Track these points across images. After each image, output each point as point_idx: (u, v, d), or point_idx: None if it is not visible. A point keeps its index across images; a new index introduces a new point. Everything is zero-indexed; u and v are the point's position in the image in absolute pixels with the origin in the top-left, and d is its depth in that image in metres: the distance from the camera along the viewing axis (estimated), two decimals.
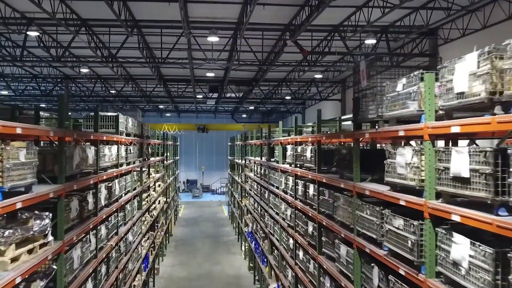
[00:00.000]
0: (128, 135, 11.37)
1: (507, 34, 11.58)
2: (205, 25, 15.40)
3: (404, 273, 4.77)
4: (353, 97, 6.49)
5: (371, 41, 16.40)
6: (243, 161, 23.81)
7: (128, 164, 11.28)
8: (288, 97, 32.18)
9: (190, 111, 43.97)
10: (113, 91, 30.17)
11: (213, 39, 15.64)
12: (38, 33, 16.09)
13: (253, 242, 18.28)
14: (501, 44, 3.64)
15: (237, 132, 35.67)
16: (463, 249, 3.76)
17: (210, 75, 23.53)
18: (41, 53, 19.42)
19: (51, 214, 5.60)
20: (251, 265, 19.09)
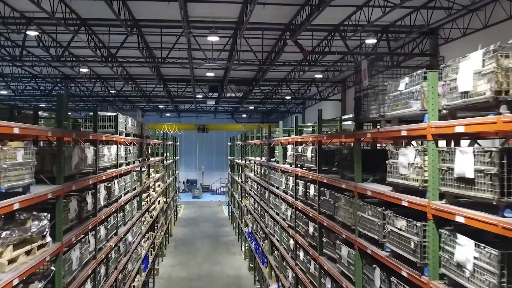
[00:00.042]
0: (127, 135, 11.31)
1: (508, 33, 11.56)
2: (205, 24, 15.34)
3: (406, 274, 4.71)
4: (355, 97, 6.43)
5: (372, 41, 16.34)
6: (243, 161, 23.76)
7: (127, 164, 11.22)
8: (288, 97, 32.13)
9: (190, 111, 43.91)
10: (113, 91, 30.11)
11: (213, 38, 15.58)
12: (37, 33, 16.04)
13: (253, 242, 18.22)
14: (505, 43, 3.58)
15: (237, 132, 35.61)
16: (467, 251, 3.70)
17: (210, 75, 23.47)
18: (41, 53, 19.36)
19: (49, 215, 5.53)
20: (251, 265, 19.04)
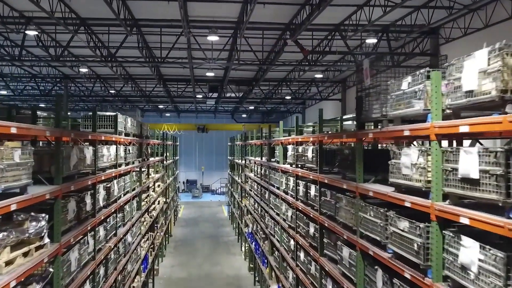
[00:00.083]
0: (127, 135, 11.25)
1: (509, 33, 11.51)
2: (205, 24, 15.27)
3: (409, 276, 4.64)
4: (356, 96, 6.36)
5: (372, 41, 16.29)
6: (243, 161, 23.70)
7: (127, 164, 11.16)
8: (288, 97, 32.07)
9: (189, 111, 43.86)
10: (113, 91, 30.05)
11: (213, 38, 15.53)
12: (36, 32, 15.99)
13: (253, 242, 18.16)
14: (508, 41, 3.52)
15: (237, 132, 35.55)
16: (472, 252, 3.63)
17: (210, 74, 23.40)
18: (40, 53, 19.29)
19: (47, 215, 5.47)
20: (251, 266, 18.98)
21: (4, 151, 4.44)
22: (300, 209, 9.80)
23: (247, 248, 21.03)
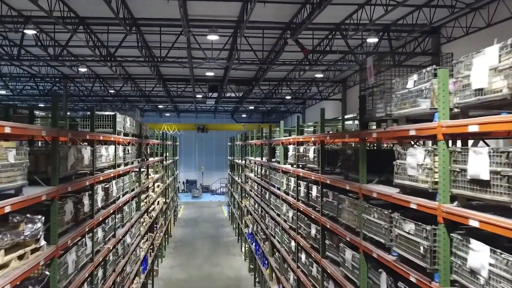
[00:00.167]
0: (126, 135, 11.13)
1: (511, 32, 11.39)
2: (204, 23, 15.16)
3: (415, 280, 4.51)
4: (360, 95, 6.24)
5: (373, 40, 16.18)
6: (243, 162, 23.58)
7: (126, 164, 11.04)
8: (288, 97, 31.95)
9: (189, 111, 43.74)
10: (112, 91, 29.93)
11: (213, 37, 15.42)
12: (35, 32, 15.88)
13: (254, 243, 18.03)
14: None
15: (237, 132, 35.44)
16: (482, 256, 3.50)
17: (209, 74, 23.30)
18: (39, 52, 19.17)
19: (44, 217, 5.34)
20: (252, 266, 18.86)
21: None
22: (301, 210, 9.68)
23: (247, 248, 20.91)
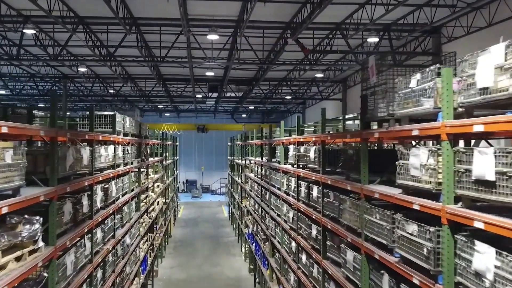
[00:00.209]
0: (125, 134, 11.07)
1: None
2: (204, 23, 15.09)
3: (418, 282, 4.45)
4: (361, 95, 6.18)
5: (374, 39, 16.11)
6: (243, 162, 23.52)
7: (125, 164, 10.98)
8: (288, 97, 31.88)
9: (189, 111, 43.67)
10: (112, 91, 29.86)
11: (213, 37, 15.35)
12: (34, 31, 15.81)
13: (254, 244, 17.97)
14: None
15: (237, 132, 35.39)
16: (487, 259, 3.44)
17: (209, 74, 23.23)
18: (38, 52, 19.10)
19: (42, 218, 5.27)
20: (252, 267, 18.80)
21: None
22: (302, 210, 9.62)
23: (247, 249, 20.85)
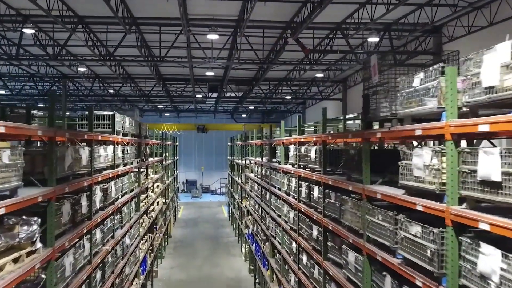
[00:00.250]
0: (125, 134, 11.00)
1: None
2: (204, 22, 15.04)
3: (421, 284, 4.38)
4: (363, 94, 6.11)
5: (374, 39, 16.06)
6: (243, 162, 23.46)
7: (125, 165, 10.92)
8: (288, 97, 31.82)
9: (189, 111, 43.60)
10: (112, 91, 29.79)
11: (213, 37, 15.30)
12: (34, 31, 15.76)
13: (254, 244, 17.90)
14: None
15: (237, 132, 35.32)
16: (493, 261, 3.38)
17: (209, 74, 23.17)
18: (38, 52, 19.04)
19: (40, 219, 5.21)
20: (252, 267, 18.73)
21: None
22: (302, 211, 9.55)
23: (247, 249, 20.79)
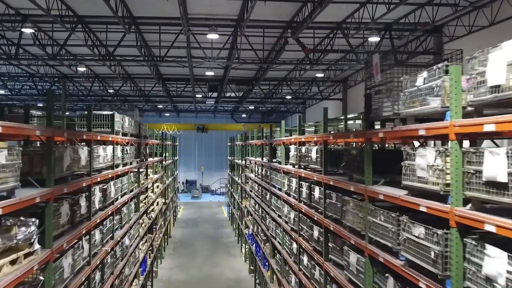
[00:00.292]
0: (124, 134, 10.94)
1: None
2: (204, 22, 14.97)
3: (425, 286, 4.32)
4: (365, 93, 6.05)
5: (375, 39, 15.99)
6: (243, 162, 23.39)
7: (124, 165, 10.85)
8: (288, 97, 31.75)
9: (189, 111, 43.53)
10: (111, 91, 29.72)
11: (212, 36, 15.23)
12: (33, 30, 15.68)
13: (254, 244, 17.84)
14: None
15: (237, 132, 35.25)
16: (498, 263, 3.31)
17: (209, 74, 23.10)
18: (37, 51, 18.96)
19: (38, 220, 5.14)
20: (252, 268, 18.67)
21: None
22: (303, 211, 9.49)
23: (247, 250, 20.72)
